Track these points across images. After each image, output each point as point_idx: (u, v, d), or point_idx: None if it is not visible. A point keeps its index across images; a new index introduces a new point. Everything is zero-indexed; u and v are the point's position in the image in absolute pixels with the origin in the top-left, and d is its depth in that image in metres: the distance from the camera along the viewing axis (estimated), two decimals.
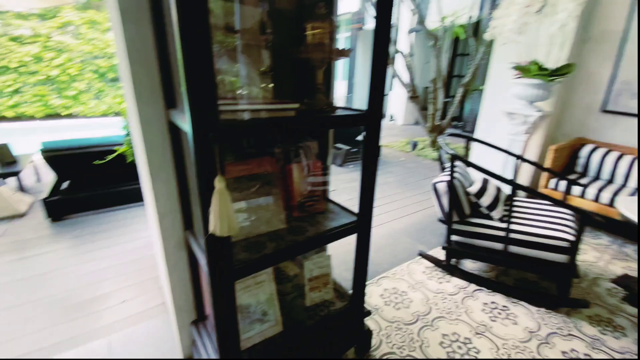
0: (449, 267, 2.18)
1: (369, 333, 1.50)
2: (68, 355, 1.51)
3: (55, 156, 2.78)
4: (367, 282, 2.05)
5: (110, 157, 2.44)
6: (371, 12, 5.39)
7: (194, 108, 0.74)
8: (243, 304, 1.19)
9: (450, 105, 5.61)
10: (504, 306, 1.87)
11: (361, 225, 1.23)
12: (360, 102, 10.73)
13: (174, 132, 1.10)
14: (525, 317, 1.80)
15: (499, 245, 1.92)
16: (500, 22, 2.57)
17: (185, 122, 0.80)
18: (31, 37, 7.34)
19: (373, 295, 1.95)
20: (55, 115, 8.21)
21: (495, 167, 3.25)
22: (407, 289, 2.02)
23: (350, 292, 1.40)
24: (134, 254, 2.43)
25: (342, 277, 2.01)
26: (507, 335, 1.67)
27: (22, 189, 3.43)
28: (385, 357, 1.51)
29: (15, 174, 3.28)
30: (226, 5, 0.96)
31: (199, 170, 0.78)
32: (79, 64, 7.92)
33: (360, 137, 5.38)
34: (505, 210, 2.05)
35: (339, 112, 1.11)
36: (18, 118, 7.74)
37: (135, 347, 1.54)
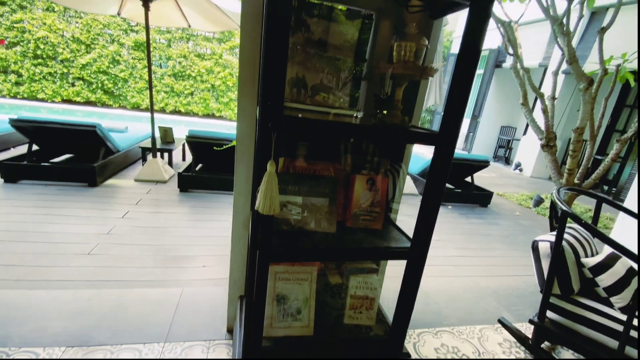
0: (537, 350, 1.74)
1: None
2: (150, 291, 1.87)
3: (194, 142, 3.52)
4: (424, 330, 1.84)
5: (226, 146, 2.95)
6: (510, 51, 4.93)
7: (264, 101, 0.86)
8: (280, 293, 1.25)
9: (601, 164, 4.54)
10: None
11: (414, 252, 1.14)
12: (483, 144, 9.77)
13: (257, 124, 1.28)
14: None
15: (613, 342, 1.44)
16: None
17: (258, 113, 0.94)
18: (209, 55, 9.58)
19: (426, 345, 1.72)
20: (211, 115, 10.35)
21: None
22: (472, 354, 1.71)
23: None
24: (226, 232, 2.82)
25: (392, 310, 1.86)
26: None
27: (170, 163, 4.43)
28: None
29: (170, 151, 4.27)
30: (321, 22, 1.09)
31: (257, 152, 0.89)
32: (235, 78, 9.85)
33: (468, 179, 4.89)
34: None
35: (417, 131, 1.08)
36: (187, 114, 10.09)
37: (196, 303, 1.79)
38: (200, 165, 4.19)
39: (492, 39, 8.46)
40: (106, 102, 9.76)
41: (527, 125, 8.35)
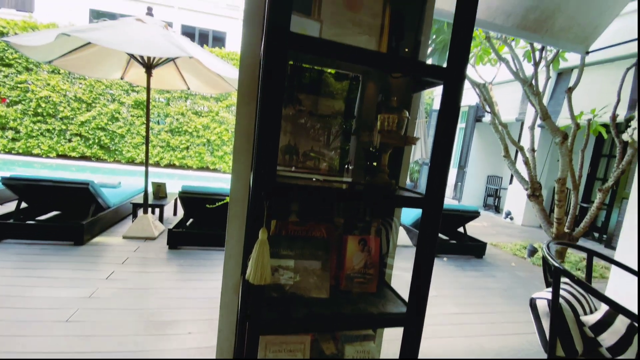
0: None
1: None
2: None
3: (187, 197, 3.53)
4: None
5: (219, 203, 2.95)
6: (487, 109, 5.31)
7: (257, 170, 0.91)
8: None
9: (588, 212, 4.66)
10: None
11: (410, 318, 1.11)
12: (472, 193, 9.98)
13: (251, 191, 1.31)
14: None
15: None
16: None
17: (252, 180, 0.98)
18: (206, 112, 10.05)
19: None
20: (206, 168, 10.49)
21: None
22: None
23: None
24: (215, 293, 2.70)
25: None
26: None
27: (161, 218, 4.38)
28: None
29: (161, 206, 4.25)
30: (310, 97, 1.19)
31: (249, 220, 0.91)
32: (230, 134, 10.23)
33: (460, 229, 4.91)
34: None
35: (403, 193, 1.13)
36: (181, 167, 10.23)
37: None
38: (191, 221, 4.15)
39: (471, 95, 9.12)
40: (101, 157, 9.88)
41: (512, 175, 8.65)
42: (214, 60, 3.47)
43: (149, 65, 3.63)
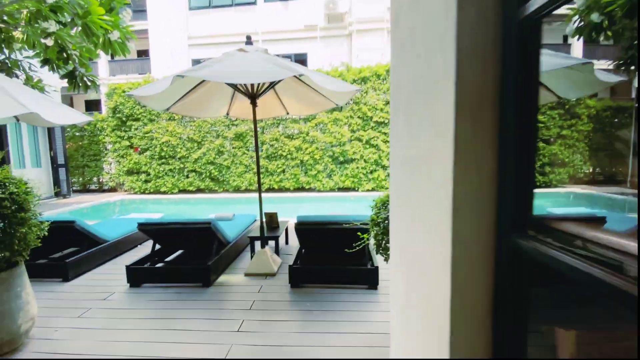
0: None
1: None
2: None
3: (303, 229, 3.20)
4: None
5: (357, 245, 2.41)
6: None
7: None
8: None
9: None
10: None
11: None
12: None
13: None
14: None
15: None
16: None
17: None
18: (297, 134, 10.20)
19: None
20: (301, 189, 10.59)
21: None
22: None
23: None
24: (362, 353, 2.19)
25: None
26: None
27: (277, 249, 4.19)
28: None
29: (276, 238, 4.06)
30: None
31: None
32: (321, 152, 10.14)
33: None
34: None
35: None
36: (280, 190, 10.55)
37: None
38: (304, 251, 3.83)
39: None
40: (213, 188, 10.90)
41: None
42: (321, 77, 3.12)
43: (253, 95, 3.50)
